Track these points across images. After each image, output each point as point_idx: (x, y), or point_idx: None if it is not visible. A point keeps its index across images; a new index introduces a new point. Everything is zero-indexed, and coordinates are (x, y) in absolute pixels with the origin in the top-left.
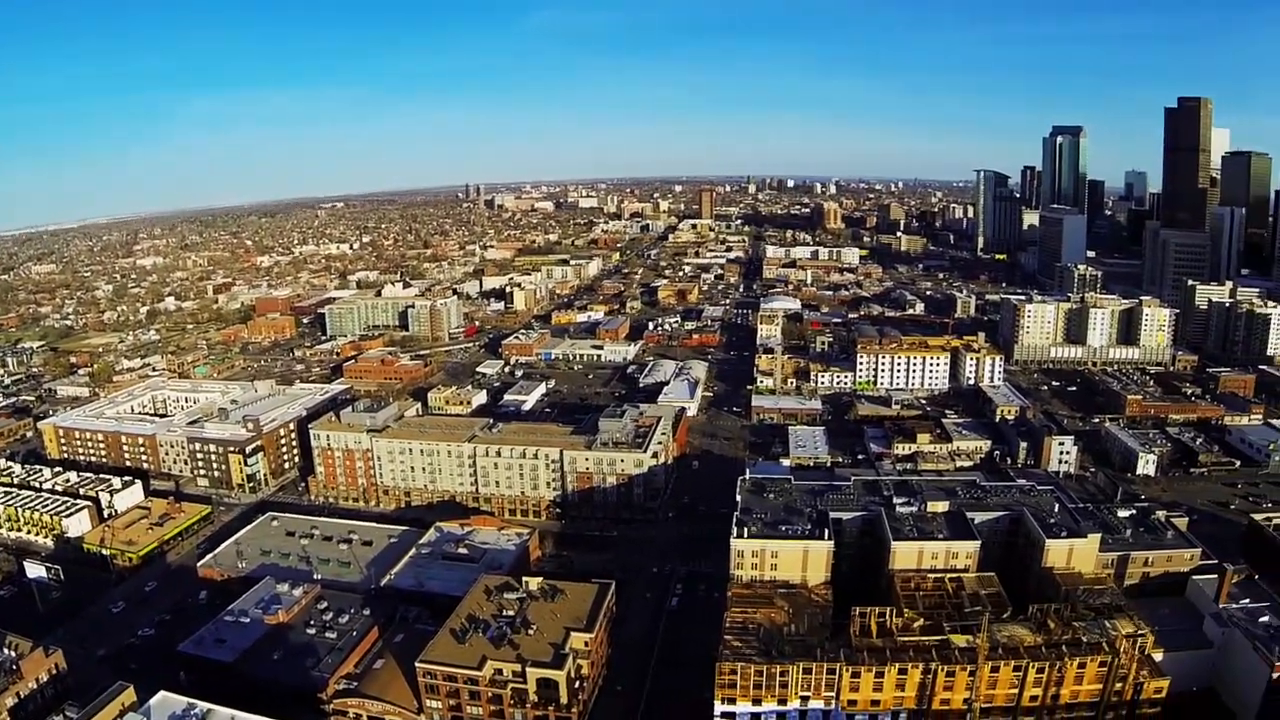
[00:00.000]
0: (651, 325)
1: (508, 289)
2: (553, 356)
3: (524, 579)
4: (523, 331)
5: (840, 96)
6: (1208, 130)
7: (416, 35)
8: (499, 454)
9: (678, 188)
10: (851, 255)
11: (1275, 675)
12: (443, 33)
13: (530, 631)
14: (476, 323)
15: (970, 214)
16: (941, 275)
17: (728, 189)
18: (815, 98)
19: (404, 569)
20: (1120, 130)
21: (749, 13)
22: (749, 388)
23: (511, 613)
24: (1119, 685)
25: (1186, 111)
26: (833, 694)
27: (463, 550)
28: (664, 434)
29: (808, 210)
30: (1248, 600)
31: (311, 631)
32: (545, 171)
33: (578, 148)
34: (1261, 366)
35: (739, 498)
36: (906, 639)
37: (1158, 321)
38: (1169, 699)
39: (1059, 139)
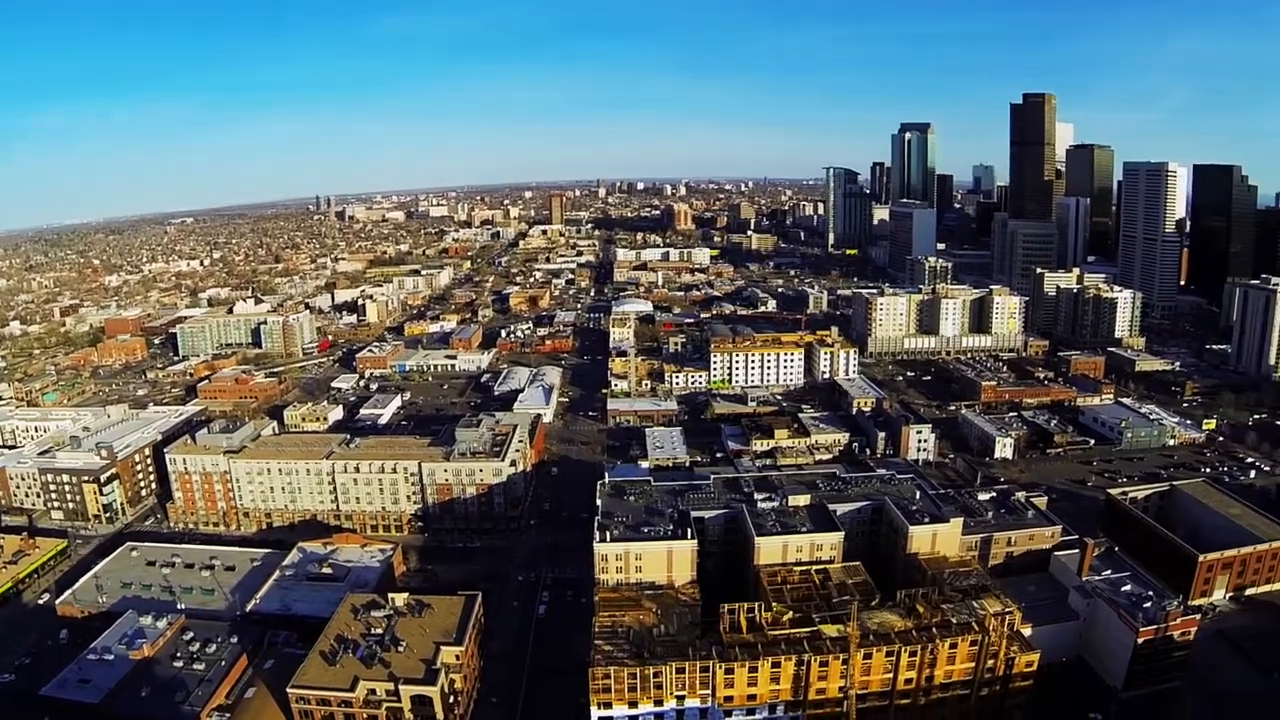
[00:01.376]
0: (504, 333)
1: (360, 301)
2: (407, 368)
3: (390, 595)
4: (376, 344)
5: (690, 97)
6: (1052, 125)
7: (258, 43)
8: (358, 470)
9: (528, 194)
10: (702, 255)
11: (1140, 640)
12: (286, 40)
13: (400, 649)
14: (330, 337)
15: (821, 211)
16: (793, 272)
17: (578, 193)
18: (665, 99)
19: (269, 593)
20: (968, 126)
21: (598, 14)
22: (604, 391)
23: (380, 631)
24: (991, 662)
25: (1031, 107)
26: (708, 692)
27: (327, 570)
28: (521, 441)
29: (658, 212)
30: (1109, 571)
31: (179, 664)
32: (396, 181)
33: (429, 156)
34: (1110, 349)
35: (599, 502)
36: (777, 632)
37: (1008, 309)
38: (1040, 671)
39: (908, 135)
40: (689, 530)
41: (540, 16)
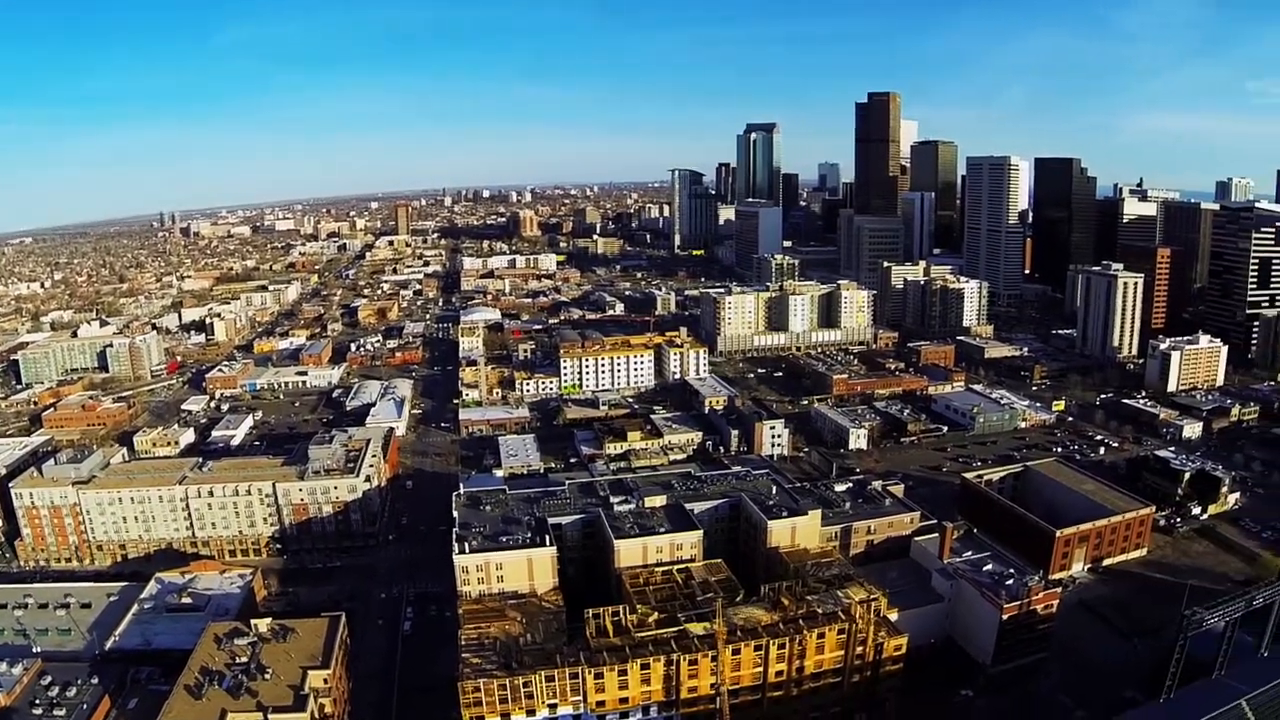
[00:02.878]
0: (354, 346)
1: (208, 320)
2: (258, 387)
3: (252, 622)
4: (226, 363)
5: (534, 104)
6: (897, 122)
7: (94, 55)
8: (212, 494)
9: (374, 205)
10: (549, 261)
11: (1005, 616)
12: (123, 51)
13: (267, 676)
14: (178, 358)
15: (667, 213)
16: (640, 275)
17: (424, 203)
18: (509, 106)
19: (129, 628)
20: (813, 125)
21: (438, 22)
22: (456, 401)
23: (245, 659)
24: (860, 649)
25: (876, 106)
26: (579, 698)
27: (187, 600)
28: (375, 456)
29: (504, 220)
30: (969, 553)
31: (38, 711)
32: (242, 195)
33: (274, 169)
34: (959, 338)
35: (456, 513)
36: (644, 634)
37: (857, 303)
38: (910, 654)
39: (753, 136)
40: (547, 537)
41: (379, 25)
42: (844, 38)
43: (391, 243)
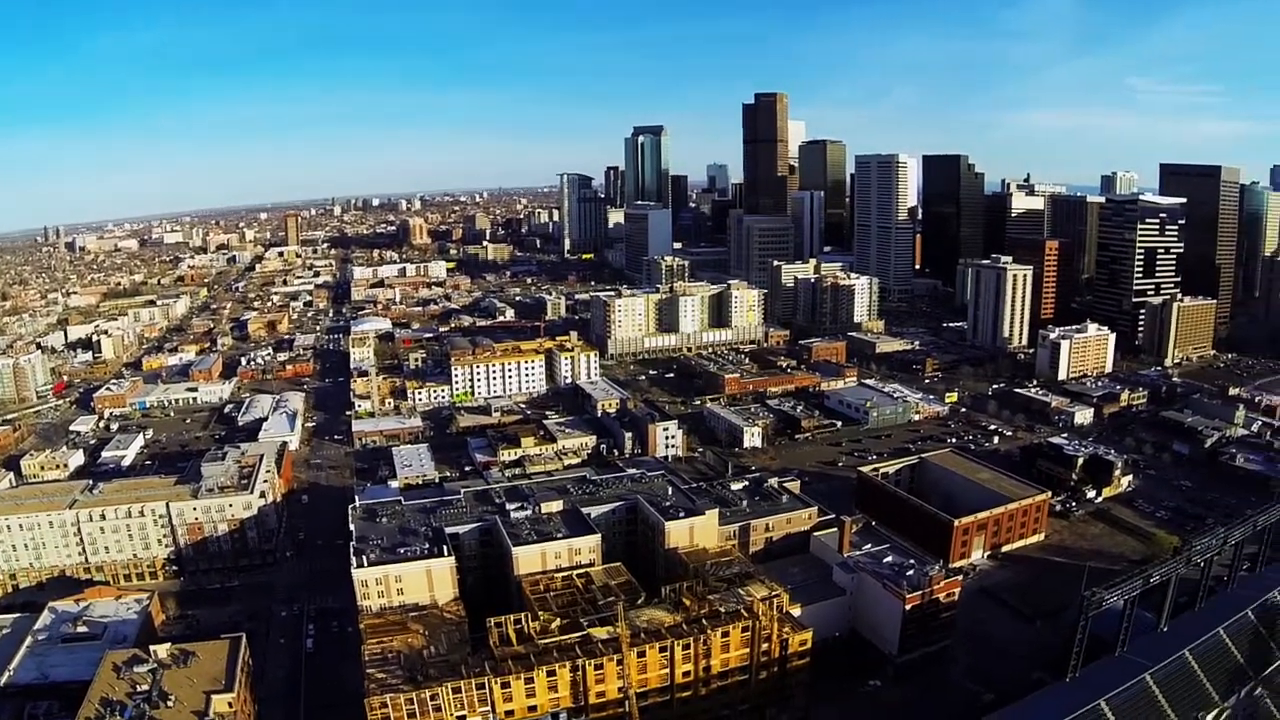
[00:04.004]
0: (245, 360)
1: (95, 337)
2: (148, 405)
3: (152, 648)
4: (114, 381)
5: (421, 110)
6: (785, 122)
7: None
8: (104, 517)
9: (264, 215)
10: (439, 269)
11: (908, 606)
12: None
13: (169, 703)
14: (65, 377)
15: (556, 217)
16: (530, 280)
17: (314, 213)
18: (396, 112)
19: (23, 661)
20: (701, 127)
21: (321, 27)
22: (349, 413)
23: (146, 687)
24: (765, 646)
25: (764, 106)
26: (487, 708)
27: (82, 629)
28: (269, 471)
29: (394, 228)
30: (869, 545)
31: None
32: (129, 208)
33: (161, 181)
34: (850, 334)
35: (353, 526)
36: (548, 641)
37: (747, 302)
38: (815, 648)
39: (641, 138)
40: (445, 547)
41: (259, 31)
42: (731, 39)
43: (281, 254)
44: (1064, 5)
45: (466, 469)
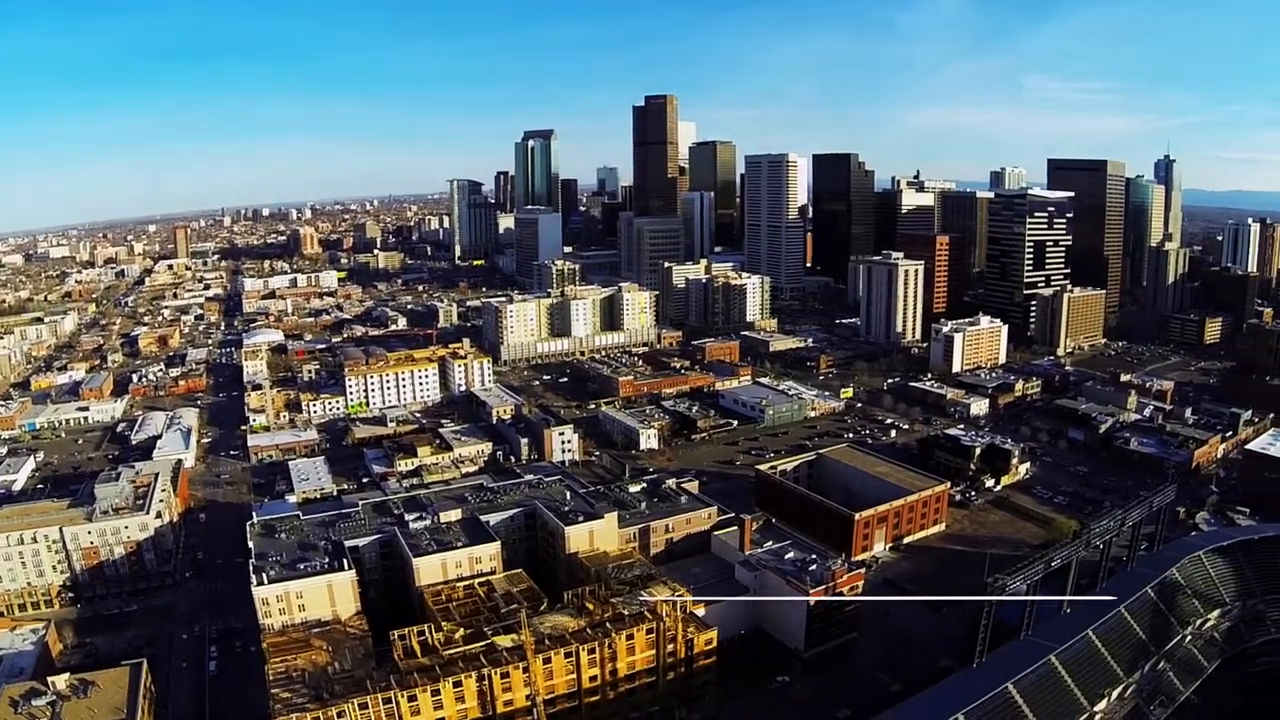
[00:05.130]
0: (136, 377)
1: None
2: (38, 426)
3: (50, 680)
4: (1, 403)
5: (309, 118)
6: (674, 124)
7: None
8: None
9: (152, 227)
10: (330, 279)
11: (813, 601)
12: None
13: None
14: None
15: (447, 224)
16: (422, 288)
17: (203, 224)
18: (284, 120)
19: None
20: (592, 130)
21: (204, 35)
22: (244, 428)
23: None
24: (671, 646)
25: (654, 109)
26: None
27: None
28: (165, 490)
29: (284, 238)
30: (770, 543)
31: None
32: (12, 221)
33: (47, 192)
34: (744, 333)
35: (251, 543)
36: (453, 651)
37: (639, 304)
38: (722, 647)
39: (531, 143)
40: (345, 561)
41: (136, 39)
42: (620, 43)
43: (171, 266)
44: (956, 7)
45: (364, 481)
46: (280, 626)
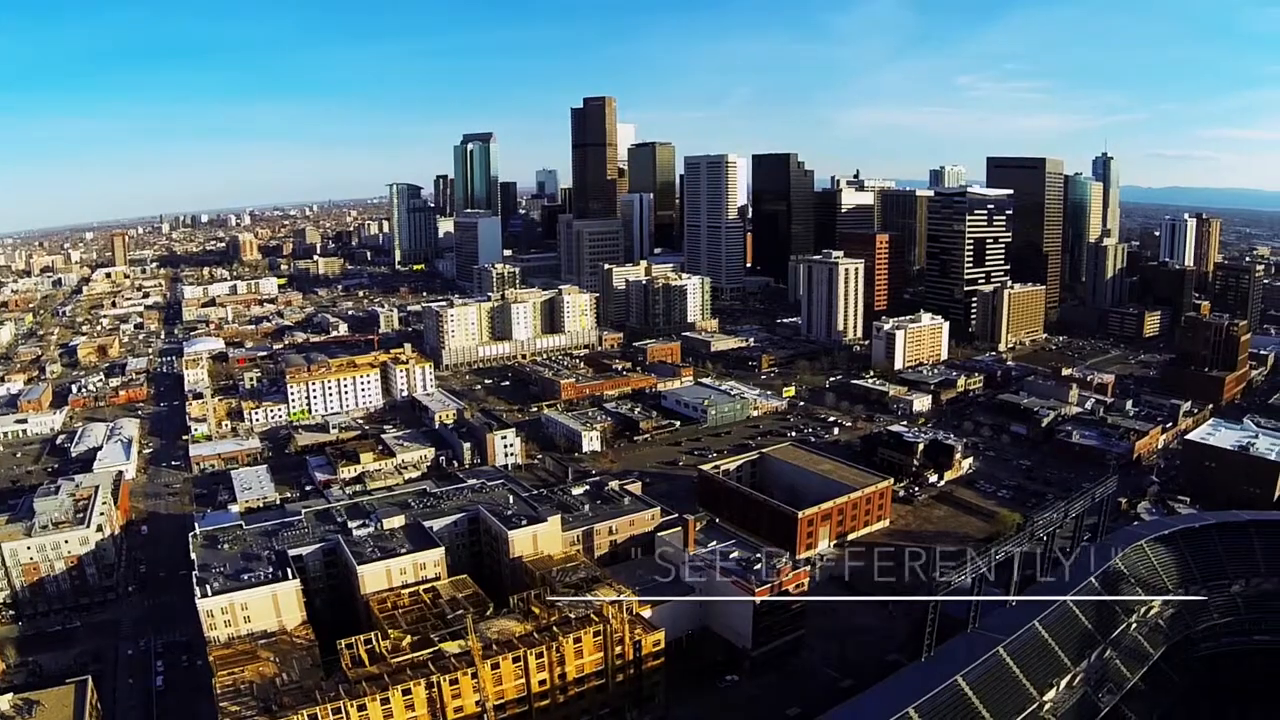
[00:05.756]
0: (75, 388)
1: None
2: None
3: None
4: None
5: (247, 122)
6: (613, 126)
7: None
8: None
9: (89, 235)
10: (271, 285)
11: (759, 600)
12: None
13: None
14: None
15: (386, 229)
16: (362, 293)
17: (141, 231)
18: (222, 126)
19: None
20: (531, 133)
21: (138, 39)
22: (185, 438)
23: None
24: (619, 649)
25: (593, 110)
26: None
27: None
28: (106, 503)
29: (224, 245)
30: (715, 543)
31: None
32: None
33: None
34: (685, 334)
35: (194, 555)
36: (400, 659)
37: (579, 307)
38: (670, 648)
39: (470, 146)
40: (289, 570)
41: (68, 43)
42: (560, 45)
43: (109, 275)
44: (893, 8)
45: (307, 488)
46: (226, 639)
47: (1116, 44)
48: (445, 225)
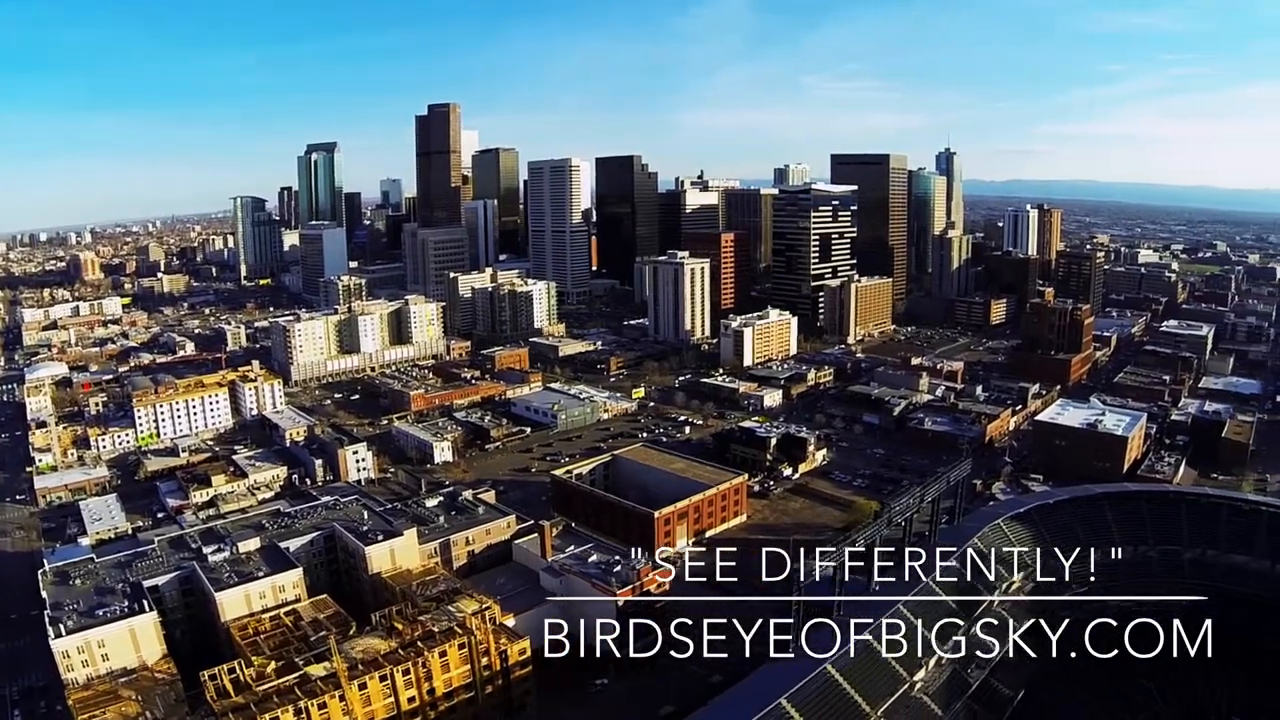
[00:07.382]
0: None
1: None
2: None
3: None
4: None
5: (84, 134)
6: (458, 133)
7: None
8: None
9: None
10: (114, 305)
11: (622, 601)
12: None
13: None
14: None
15: (231, 244)
16: (209, 310)
17: None
18: (57, 139)
19: None
20: (375, 142)
21: None
22: (29, 469)
23: None
24: (485, 660)
25: (437, 117)
26: None
27: None
28: None
29: (64, 264)
30: (572, 547)
31: None
32: None
33: None
34: (532, 339)
35: (45, 593)
36: (266, 686)
37: (426, 316)
38: (536, 656)
39: (314, 156)
40: (145, 602)
41: None
42: (403, 53)
43: None
44: (735, 9)
45: (159, 515)
46: (84, 680)
47: (952, 45)
48: (290, 238)
